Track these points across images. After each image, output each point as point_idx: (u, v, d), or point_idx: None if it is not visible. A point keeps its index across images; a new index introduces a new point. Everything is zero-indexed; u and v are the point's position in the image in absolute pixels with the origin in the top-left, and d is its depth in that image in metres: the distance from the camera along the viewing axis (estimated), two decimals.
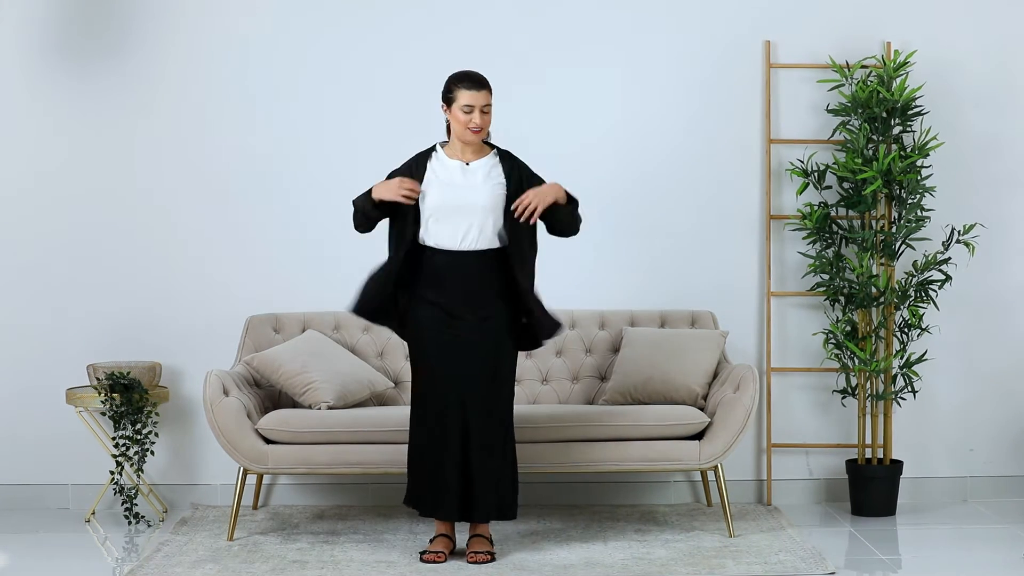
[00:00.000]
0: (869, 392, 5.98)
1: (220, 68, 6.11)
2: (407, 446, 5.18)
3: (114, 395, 5.73)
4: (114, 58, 6.08)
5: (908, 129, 5.98)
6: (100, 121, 6.10)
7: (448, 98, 5.10)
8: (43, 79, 6.09)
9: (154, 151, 6.11)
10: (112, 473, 5.81)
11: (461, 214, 5.07)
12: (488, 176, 5.12)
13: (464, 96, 5.05)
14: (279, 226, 6.13)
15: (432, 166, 5.13)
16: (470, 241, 5.08)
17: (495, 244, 5.09)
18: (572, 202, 5.17)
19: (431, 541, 5.22)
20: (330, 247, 6.13)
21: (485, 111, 5.06)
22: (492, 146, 5.19)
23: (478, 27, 6.12)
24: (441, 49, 6.08)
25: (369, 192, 5.12)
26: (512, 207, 5.06)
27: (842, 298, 5.98)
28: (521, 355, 5.63)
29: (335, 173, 6.14)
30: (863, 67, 6.05)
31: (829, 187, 6.08)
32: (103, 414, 5.86)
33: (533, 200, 5.05)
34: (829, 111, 6.02)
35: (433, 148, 5.19)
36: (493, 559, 5.13)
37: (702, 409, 5.67)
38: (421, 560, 5.13)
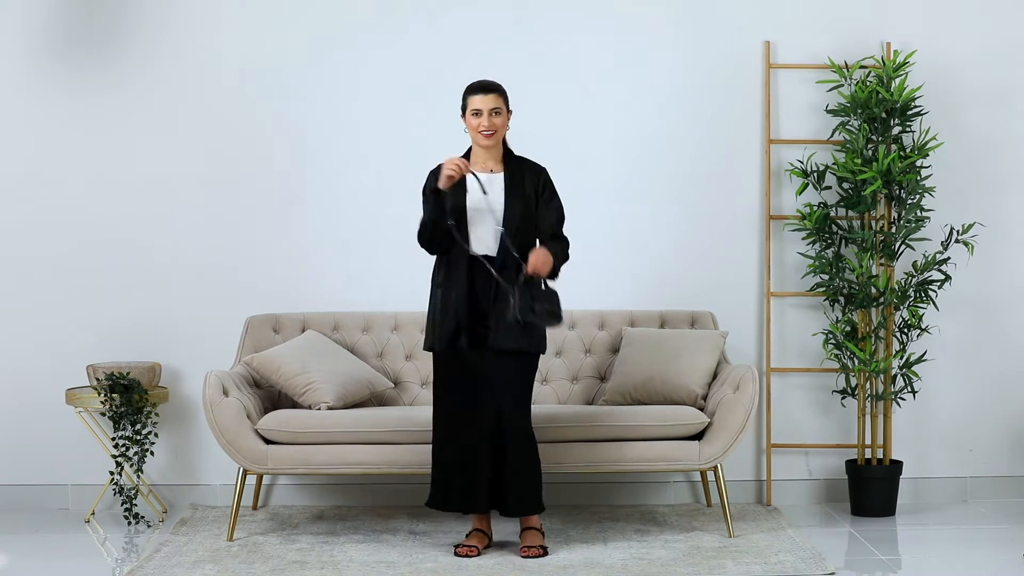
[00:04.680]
0: (869, 392, 5.98)
1: (221, 67, 6.11)
2: (431, 449, 5.23)
3: (114, 395, 5.73)
4: (113, 56, 6.09)
5: (907, 129, 5.98)
6: (100, 120, 6.10)
7: (462, 107, 5.21)
8: (43, 78, 6.09)
9: (154, 150, 6.11)
10: (112, 473, 5.81)
11: (489, 221, 5.14)
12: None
13: (473, 101, 5.16)
14: (279, 226, 6.13)
15: (468, 177, 5.20)
16: (485, 248, 5.15)
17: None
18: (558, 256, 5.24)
19: (467, 536, 5.28)
20: (330, 248, 6.13)
21: (495, 114, 5.14)
22: (512, 155, 5.26)
23: (476, 23, 6.13)
24: (442, 49, 6.10)
25: (429, 196, 5.16)
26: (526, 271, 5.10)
27: (842, 298, 5.98)
28: None
29: (336, 173, 6.14)
30: (862, 67, 6.05)
31: (829, 187, 6.08)
32: (103, 414, 5.86)
33: (541, 262, 5.12)
34: (828, 111, 6.03)
35: (466, 157, 5.23)
36: (546, 553, 5.19)
37: (702, 409, 5.67)
38: (455, 553, 5.19)
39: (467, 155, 5.26)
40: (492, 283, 5.13)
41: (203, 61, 6.11)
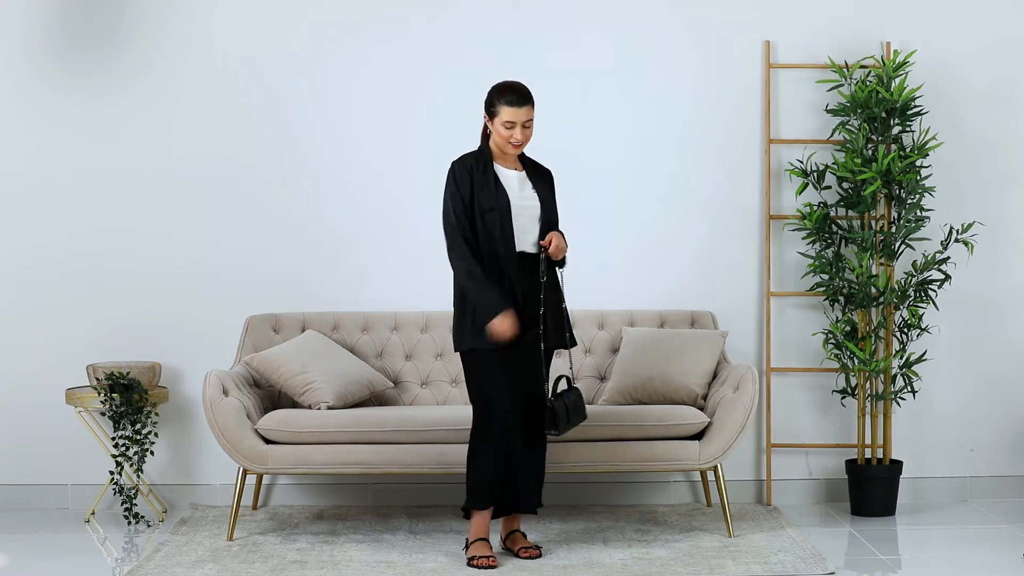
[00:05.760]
0: (869, 392, 5.98)
1: (220, 68, 6.10)
2: (477, 448, 5.15)
3: (114, 395, 5.73)
4: (111, 57, 6.08)
5: (907, 129, 5.98)
6: (99, 121, 6.10)
7: (491, 111, 5.13)
8: (42, 79, 6.09)
9: (153, 150, 6.11)
10: (112, 473, 5.81)
11: (524, 220, 5.14)
12: (536, 184, 5.20)
13: (506, 112, 5.08)
14: (279, 226, 6.13)
15: (500, 175, 5.17)
16: (526, 245, 5.14)
17: (536, 249, 5.16)
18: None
19: (470, 545, 5.14)
20: (330, 247, 6.13)
21: (527, 126, 5.11)
22: (523, 155, 5.27)
23: (476, 21, 6.12)
24: (442, 47, 6.11)
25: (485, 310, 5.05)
26: (544, 242, 5.13)
27: (842, 298, 5.98)
28: None
29: (336, 173, 6.14)
30: (862, 67, 6.05)
31: (828, 187, 6.08)
32: (103, 414, 5.86)
33: (557, 244, 5.14)
34: (828, 111, 6.03)
35: (489, 156, 5.17)
36: (541, 554, 5.20)
37: (702, 409, 5.67)
38: (474, 564, 5.06)
39: (481, 151, 5.19)
40: (539, 277, 5.11)
41: (202, 62, 6.10)
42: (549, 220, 5.17)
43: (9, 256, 6.11)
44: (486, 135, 5.20)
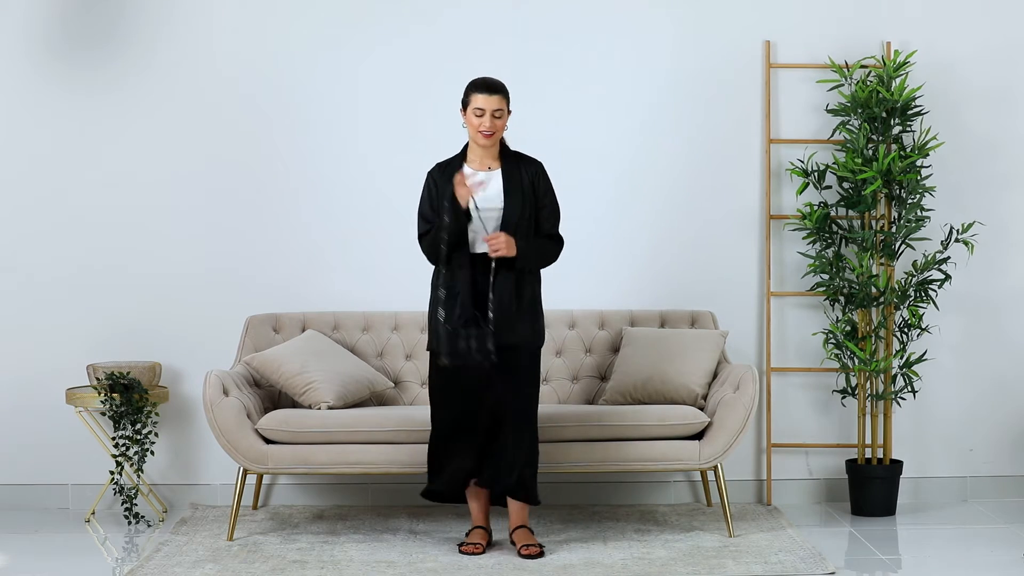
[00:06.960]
0: (869, 392, 5.98)
1: (221, 68, 6.10)
2: (429, 439, 5.27)
3: (114, 395, 5.73)
4: (111, 56, 6.08)
5: (908, 129, 5.98)
6: (99, 120, 6.10)
7: (464, 102, 5.20)
8: (43, 79, 6.08)
9: (154, 150, 6.11)
10: (112, 473, 5.81)
11: (488, 221, 5.15)
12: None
13: (476, 100, 5.14)
14: (279, 226, 6.13)
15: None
16: (484, 247, 5.14)
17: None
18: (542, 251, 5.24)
19: (467, 533, 5.31)
20: (330, 247, 6.13)
21: (496, 116, 5.13)
22: (508, 151, 5.26)
23: (476, 22, 6.12)
24: (442, 48, 6.11)
25: (441, 216, 5.13)
26: (487, 239, 5.12)
27: (842, 298, 5.98)
28: None
29: (337, 173, 6.14)
30: (863, 67, 6.05)
31: (829, 187, 6.08)
32: (103, 414, 5.86)
33: (503, 244, 5.09)
34: (829, 111, 6.03)
35: (461, 159, 5.23)
36: (543, 551, 5.19)
37: (702, 409, 5.67)
38: (460, 551, 5.21)
39: (464, 150, 5.26)
40: (490, 276, 5.12)
41: (203, 62, 6.11)
42: (510, 219, 5.14)
43: (9, 256, 6.11)
44: None
